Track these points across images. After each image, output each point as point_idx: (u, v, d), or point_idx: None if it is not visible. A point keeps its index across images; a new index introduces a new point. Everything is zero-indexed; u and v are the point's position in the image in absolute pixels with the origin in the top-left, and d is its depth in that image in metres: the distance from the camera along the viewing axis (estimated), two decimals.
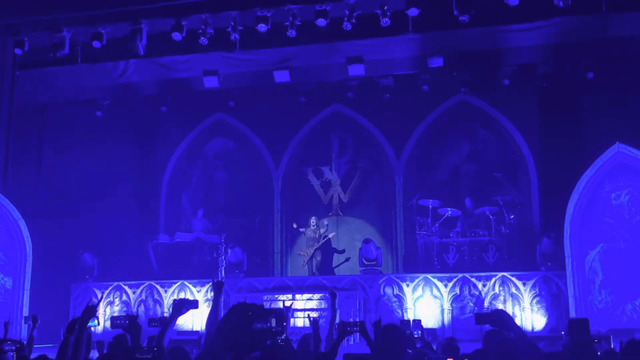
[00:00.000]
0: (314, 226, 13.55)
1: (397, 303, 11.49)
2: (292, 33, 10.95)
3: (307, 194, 14.78)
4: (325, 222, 13.94)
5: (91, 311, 4.09)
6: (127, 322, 4.26)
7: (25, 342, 5.78)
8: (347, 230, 14.71)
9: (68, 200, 13.17)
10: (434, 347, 5.76)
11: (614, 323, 9.99)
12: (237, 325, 3.18)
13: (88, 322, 4.08)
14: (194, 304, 4.29)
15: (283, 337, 3.85)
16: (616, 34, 10.97)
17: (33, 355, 5.26)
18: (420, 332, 5.59)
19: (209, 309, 4.54)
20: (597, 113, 12.12)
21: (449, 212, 13.04)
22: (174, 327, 4.50)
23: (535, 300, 11.18)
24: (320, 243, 13.30)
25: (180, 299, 4.29)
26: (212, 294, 4.73)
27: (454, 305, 11.40)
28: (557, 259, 11.16)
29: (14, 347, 4.32)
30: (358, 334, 5.11)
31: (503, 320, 3.69)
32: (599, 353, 4.58)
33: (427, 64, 11.81)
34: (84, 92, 13.00)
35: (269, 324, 3.21)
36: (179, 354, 4.27)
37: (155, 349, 3.45)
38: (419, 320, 5.87)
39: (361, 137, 15.00)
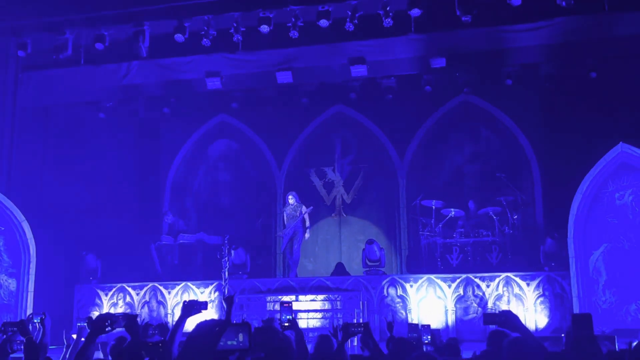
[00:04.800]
0: (293, 204, 12.78)
1: (401, 304, 11.49)
2: (294, 34, 10.97)
3: (310, 194, 14.76)
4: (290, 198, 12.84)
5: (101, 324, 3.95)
6: (126, 322, 4.05)
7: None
8: (350, 231, 14.70)
9: (71, 202, 13.17)
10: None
11: (618, 323, 9.97)
12: (203, 342, 3.18)
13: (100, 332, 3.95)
14: (203, 306, 4.27)
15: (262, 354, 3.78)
16: (619, 34, 10.96)
17: None
18: (429, 337, 5.60)
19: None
20: (600, 113, 12.09)
21: (453, 213, 13.03)
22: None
23: (539, 301, 11.16)
24: (296, 220, 12.53)
25: (190, 301, 4.26)
26: (225, 306, 4.71)
27: (457, 305, 11.39)
28: (561, 259, 11.15)
29: (22, 347, 4.31)
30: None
31: (510, 321, 3.72)
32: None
33: (429, 64, 11.82)
34: (86, 94, 13.02)
35: (236, 340, 3.21)
36: None
37: (160, 344, 3.44)
38: (428, 325, 5.86)
39: (364, 137, 15.00)
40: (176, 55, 11.90)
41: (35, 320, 5.69)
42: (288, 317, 4.74)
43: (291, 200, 12.86)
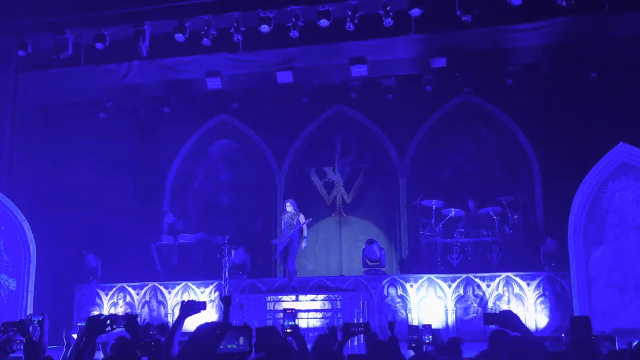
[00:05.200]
0: (290, 211, 12.40)
1: (401, 304, 11.49)
2: (294, 34, 10.97)
3: (310, 194, 14.77)
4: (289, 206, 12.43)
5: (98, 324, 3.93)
6: (126, 321, 4.11)
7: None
8: (350, 231, 14.69)
9: (72, 202, 13.19)
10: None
11: (618, 323, 9.97)
12: (204, 345, 3.17)
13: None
14: (201, 306, 4.25)
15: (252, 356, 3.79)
16: (619, 34, 10.98)
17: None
18: (430, 337, 5.60)
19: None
20: (600, 113, 12.08)
21: (453, 213, 13.04)
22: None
23: (539, 301, 11.18)
24: (293, 229, 12.13)
25: (189, 301, 4.24)
26: (223, 305, 4.69)
27: (457, 305, 11.39)
28: (561, 259, 11.16)
29: (22, 347, 4.33)
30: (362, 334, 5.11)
31: (511, 320, 3.72)
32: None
33: (430, 64, 11.84)
34: (87, 93, 13.03)
35: (236, 343, 3.22)
36: None
37: (152, 343, 3.44)
38: (429, 325, 5.86)
39: (364, 137, 14.99)
40: (176, 55, 11.91)
41: (33, 320, 5.69)
42: (290, 323, 4.75)
43: (289, 207, 12.46)
